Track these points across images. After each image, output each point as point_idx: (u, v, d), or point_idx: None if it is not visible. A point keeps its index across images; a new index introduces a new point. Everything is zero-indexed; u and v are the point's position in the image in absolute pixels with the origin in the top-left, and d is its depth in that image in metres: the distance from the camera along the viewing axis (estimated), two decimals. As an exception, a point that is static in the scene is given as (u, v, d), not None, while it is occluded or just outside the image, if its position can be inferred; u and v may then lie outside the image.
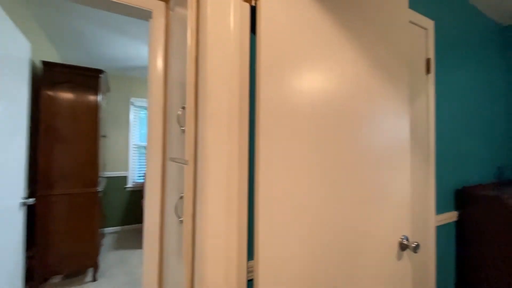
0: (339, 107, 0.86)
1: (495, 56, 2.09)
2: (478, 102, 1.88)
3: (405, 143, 1.09)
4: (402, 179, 1.07)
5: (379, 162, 0.98)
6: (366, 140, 0.93)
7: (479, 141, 1.87)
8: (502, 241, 1.42)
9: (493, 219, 1.47)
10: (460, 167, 1.71)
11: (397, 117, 1.06)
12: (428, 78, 1.49)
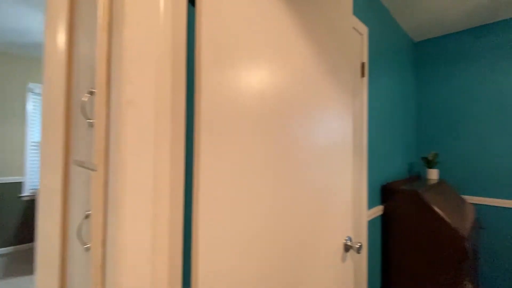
0: (289, 105, 0.77)
1: (408, 68, 2.41)
2: (395, 107, 2.12)
3: (349, 143, 1.09)
4: (346, 179, 1.05)
5: (326, 162, 0.93)
6: (315, 140, 0.87)
7: (397, 141, 2.11)
8: (419, 229, 1.61)
9: (411, 210, 1.65)
10: (384, 165, 1.89)
11: (342, 117, 1.05)
12: (363, 81, 1.58)
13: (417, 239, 1.62)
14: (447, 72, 2.38)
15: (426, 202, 1.60)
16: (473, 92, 2.23)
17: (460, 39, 2.31)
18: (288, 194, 0.75)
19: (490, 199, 2.12)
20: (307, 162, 0.83)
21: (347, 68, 1.08)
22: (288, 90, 0.77)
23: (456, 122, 2.32)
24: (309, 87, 0.85)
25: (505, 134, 2.08)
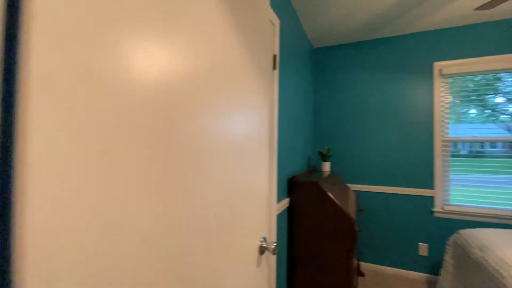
0: (195, 92, 0.58)
1: (308, 70, 2.62)
2: (298, 104, 2.25)
3: (265, 137, 0.99)
4: (262, 175, 0.95)
5: (243, 158, 0.79)
6: (231, 133, 0.71)
7: (299, 136, 2.25)
8: (319, 217, 1.74)
9: (313, 200, 1.76)
10: (291, 158, 1.96)
11: (260, 110, 0.94)
12: (274, 74, 1.55)
13: (318, 226, 1.75)
14: (338, 77, 2.74)
15: (325, 192, 1.74)
16: (357, 97, 2.65)
17: (349, 50, 2.70)
18: (190, 198, 0.56)
19: (366, 186, 2.58)
20: (219, 158, 0.66)
21: (265, 57, 0.99)
22: (198, 76, 0.58)
23: (343, 122, 2.70)
24: (226, 74, 0.69)
25: (378, 134, 2.56)
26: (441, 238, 2.31)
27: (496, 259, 1.44)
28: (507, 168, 2.23)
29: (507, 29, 2.14)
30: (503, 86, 2.24)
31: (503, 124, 2.26)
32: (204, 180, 0.60)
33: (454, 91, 2.34)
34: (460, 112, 2.34)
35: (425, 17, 2.14)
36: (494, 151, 2.29)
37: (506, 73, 2.19)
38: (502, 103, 2.25)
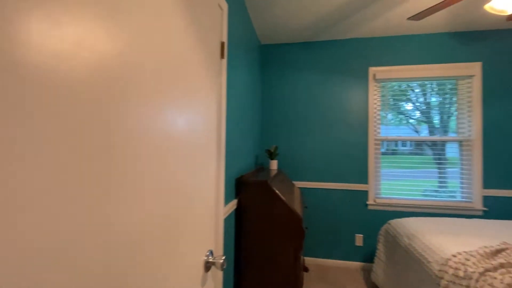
0: (128, 80, 0.41)
1: (256, 66, 2.55)
2: (246, 100, 2.16)
3: (213, 134, 0.85)
4: (209, 178, 0.81)
5: (187, 158, 0.64)
6: (172, 128, 0.55)
7: (247, 133, 2.16)
8: (268, 216, 1.67)
9: (262, 199, 1.68)
10: (239, 157, 1.84)
11: (208, 102, 0.79)
12: (222, 63, 1.40)
13: (267, 227, 1.68)
14: (285, 76, 2.75)
15: (274, 191, 1.68)
16: (302, 97, 2.70)
17: (296, 49, 2.73)
18: (116, 209, 0.39)
19: (310, 183, 2.65)
20: (159, 160, 0.50)
21: (212, 43, 0.85)
22: (134, 59, 0.40)
23: (290, 120, 2.72)
24: (168, 60, 0.53)
25: (321, 132, 2.66)
26: (374, 229, 2.53)
27: (422, 246, 1.60)
28: (419, 164, 2.58)
29: (429, 42, 2.46)
30: (413, 94, 2.60)
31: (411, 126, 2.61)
32: (137, 187, 0.43)
33: (383, 95, 2.59)
34: (383, 115, 2.61)
35: (363, 24, 2.30)
36: (405, 149, 2.63)
37: (426, 81, 2.53)
38: (411, 110, 2.61)
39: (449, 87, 2.51)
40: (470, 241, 1.52)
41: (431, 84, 2.55)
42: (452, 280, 1.23)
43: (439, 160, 2.54)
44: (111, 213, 0.39)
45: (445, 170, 2.53)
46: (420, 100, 2.61)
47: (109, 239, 0.39)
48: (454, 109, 2.52)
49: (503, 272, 1.10)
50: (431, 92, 2.58)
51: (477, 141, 2.37)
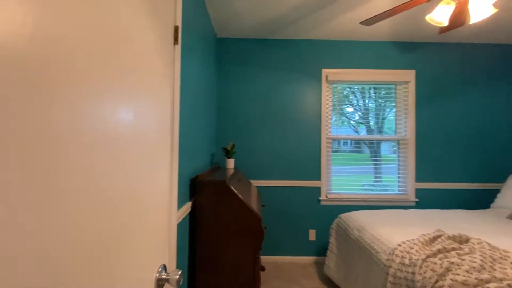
0: (49, 66, 0.28)
1: (211, 60, 2.42)
2: (202, 94, 2.02)
3: (166, 129, 0.73)
4: (162, 179, 0.68)
5: (137, 158, 0.51)
6: (119, 122, 0.42)
7: (203, 130, 2.02)
8: (226, 218, 1.57)
9: (219, 200, 1.57)
10: (193, 155, 1.70)
11: (159, 94, 0.66)
12: (176, 50, 1.25)
13: (224, 228, 1.58)
14: (242, 72, 2.67)
15: (232, 191, 1.59)
16: (259, 94, 2.67)
17: (253, 45, 2.68)
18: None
19: (266, 181, 2.64)
20: (101, 161, 0.37)
21: (166, 26, 0.73)
22: (55, 34, 0.27)
23: (246, 118, 2.66)
24: (112, 38, 0.39)
25: (277, 131, 2.66)
26: (326, 223, 2.65)
27: (371, 237, 1.71)
28: (360, 161, 2.80)
29: (375, 48, 2.67)
30: (354, 98, 2.83)
31: (352, 126, 2.83)
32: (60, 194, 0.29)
33: (334, 96, 2.73)
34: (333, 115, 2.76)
35: (318, 27, 2.37)
36: (346, 148, 2.84)
37: (370, 84, 2.74)
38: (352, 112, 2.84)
39: (383, 93, 2.77)
40: (411, 230, 1.68)
41: (369, 89, 2.78)
42: (399, 268, 1.32)
43: (375, 157, 2.79)
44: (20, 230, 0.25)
45: (380, 166, 2.80)
46: (360, 103, 2.83)
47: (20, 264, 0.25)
48: (387, 112, 2.80)
49: (441, 257, 1.23)
50: (368, 97, 2.83)
51: (411, 140, 2.67)
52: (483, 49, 2.69)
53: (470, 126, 2.68)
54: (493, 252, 1.26)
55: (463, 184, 2.66)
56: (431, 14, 1.40)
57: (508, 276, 1.04)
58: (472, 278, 1.04)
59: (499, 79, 2.69)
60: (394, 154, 2.81)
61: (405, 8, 1.50)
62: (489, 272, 1.08)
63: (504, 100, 2.68)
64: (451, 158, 2.67)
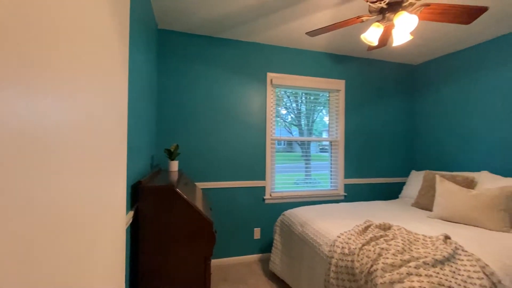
0: None
1: (153, 53, 2.21)
2: (143, 91, 1.84)
3: (123, 127, 0.63)
4: (117, 193, 0.58)
5: (86, 167, 0.42)
6: (64, 120, 0.34)
7: (144, 131, 1.83)
8: (173, 225, 1.46)
9: (166, 208, 1.45)
10: (135, 158, 1.52)
11: (116, 85, 0.57)
12: (123, 35, 1.08)
13: (172, 237, 1.46)
14: (186, 68, 2.52)
15: (181, 196, 1.49)
16: (205, 93, 2.57)
17: (199, 41, 2.56)
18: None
19: (213, 183, 2.57)
20: (40, 172, 0.28)
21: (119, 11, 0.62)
22: None
23: (191, 117, 2.53)
24: None
25: (223, 131, 2.62)
26: (271, 221, 2.76)
27: (313, 231, 1.86)
28: (295, 159, 3.05)
29: (314, 58, 2.90)
30: (288, 101, 3.07)
31: (286, 128, 3.07)
32: None
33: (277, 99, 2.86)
34: (282, 116, 2.91)
35: (266, 31, 2.44)
36: (280, 147, 3.04)
37: (311, 91, 2.98)
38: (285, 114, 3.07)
39: (312, 98, 3.06)
40: (346, 222, 1.90)
41: (301, 94, 3.03)
42: (340, 258, 1.48)
43: (306, 156, 3.06)
44: None
45: (310, 164, 3.09)
46: (293, 106, 3.07)
47: None
48: (316, 116, 3.11)
49: (374, 244, 1.43)
50: (301, 102, 3.08)
51: (341, 141, 3.03)
52: (395, 67, 3.25)
53: (384, 131, 3.21)
54: (409, 236, 1.54)
55: (379, 179, 3.17)
56: (365, 34, 1.61)
57: (422, 255, 1.28)
58: (398, 260, 1.25)
59: (404, 92, 3.30)
60: (321, 152, 3.15)
61: (345, 25, 1.68)
62: (409, 253, 1.31)
63: (408, 109, 3.31)
64: (371, 157, 3.15)
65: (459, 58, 2.80)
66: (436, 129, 3.05)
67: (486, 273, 1.19)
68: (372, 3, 1.47)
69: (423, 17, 1.58)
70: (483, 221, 1.81)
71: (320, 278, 1.64)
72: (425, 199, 2.39)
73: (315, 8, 2.02)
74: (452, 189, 2.07)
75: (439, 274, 1.16)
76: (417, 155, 3.29)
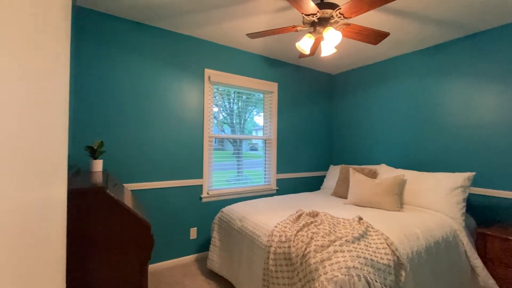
0: None
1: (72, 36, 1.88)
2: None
3: (62, 132, 0.55)
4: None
5: None
6: None
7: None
8: (106, 232, 1.29)
9: (94, 214, 1.28)
10: (52, 158, 1.27)
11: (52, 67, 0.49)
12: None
13: (103, 244, 1.30)
14: (111, 55, 2.24)
15: (113, 199, 1.33)
16: (134, 85, 2.33)
17: (128, 26, 2.30)
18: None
19: (144, 183, 2.37)
20: None
21: None
22: None
23: (117, 111, 2.27)
24: None
25: (156, 128, 2.44)
26: (208, 220, 2.73)
27: (252, 225, 1.95)
28: (228, 157, 3.14)
29: (252, 59, 3.00)
30: (220, 99, 3.15)
31: (219, 126, 3.16)
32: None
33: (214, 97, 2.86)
34: (220, 114, 2.91)
35: (205, 26, 2.39)
36: (213, 145, 3.11)
37: (247, 90, 3.07)
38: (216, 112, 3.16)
39: (244, 97, 3.21)
40: (281, 213, 2.06)
41: (233, 94, 3.14)
42: (278, 246, 1.61)
43: (238, 153, 3.19)
44: None
45: (242, 162, 3.23)
46: (226, 104, 3.14)
47: None
48: (248, 115, 3.27)
49: (306, 230, 1.61)
50: (233, 101, 3.19)
51: (274, 140, 3.25)
52: (318, 75, 3.69)
53: (310, 130, 3.61)
54: (333, 220, 1.79)
55: (305, 173, 3.55)
56: (299, 42, 1.79)
57: (344, 235, 1.53)
58: (326, 241, 1.45)
59: (325, 97, 3.79)
60: (251, 151, 3.33)
61: (282, 31, 1.83)
62: (334, 234, 1.54)
63: (328, 112, 3.82)
64: (299, 154, 3.49)
65: (368, 71, 3.40)
66: (349, 130, 3.62)
67: (388, 243, 1.51)
68: (306, 15, 1.65)
69: (345, 35, 1.86)
70: (383, 204, 2.27)
71: (259, 268, 1.74)
72: (342, 189, 2.82)
73: (255, 11, 2.11)
74: (361, 179, 2.51)
75: (356, 248, 1.41)
76: (335, 152, 3.83)
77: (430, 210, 2.19)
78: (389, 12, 2.06)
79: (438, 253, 1.74)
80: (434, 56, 2.70)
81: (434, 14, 2.09)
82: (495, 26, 2.27)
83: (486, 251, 2.00)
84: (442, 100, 2.64)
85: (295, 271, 1.45)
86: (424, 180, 2.34)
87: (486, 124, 2.33)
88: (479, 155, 2.37)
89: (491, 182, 2.29)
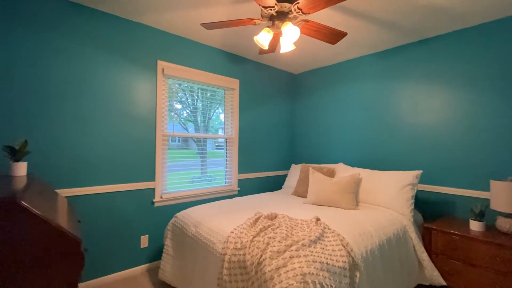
0: None
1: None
2: None
3: None
4: None
5: None
6: None
7: None
8: (24, 250, 1.05)
9: (7, 229, 1.02)
10: None
11: None
12: None
13: (19, 264, 1.05)
14: (46, 39, 1.90)
15: (29, 211, 1.09)
16: (67, 74, 2.02)
17: (61, 7, 1.97)
18: None
19: (84, 188, 2.07)
20: None
21: None
22: None
23: (48, 104, 1.94)
24: None
25: (98, 125, 2.14)
26: (162, 226, 2.51)
27: (207, 230, 1.81)
28: (190, 157, 2.97)
29: (211, 53, 2.83)
30: (183, 95, 2.96)
31: (181, 123, 2.98)
32: None
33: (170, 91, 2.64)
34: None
35: (157, 12, 2.17)
36: (174, 144, 2.91)
37: (203, 85, 2.89)
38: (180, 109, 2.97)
39: (209, 94, 3.06)
40: (239, 216, 1.95)
41: (197, 89, 2.97)
42: (233, 253, 1.49)
43: (202, 153, 3.03)
44: None
45: (206, 161, 3.08)
46: (189, 101, 2.96)
47: None
48: (212, 113, 3.13)
49: (263, 235, 1.52)
50: (197, 98, 3.02)
51: (235, 138, 3.13)
52: (280, 74, 3.66)
53: (272, 129, 3.57)
54: (291, 222, 1.74)
55: (267, 172, 3.49)
56: (257, 36, 1.69)
57: (300, 238, 1.47)
58: (282, 246, 1.38)
59: (287, 96, 3.78)
60: (216, 149, 3.18)
61: (239, 24, 1.71)
62: (291, 238, 1.48)
63: (289, 111, 3.81)
64: (260, 153, 3.43)
65: (327, 72, 3.46)
66: (310, 129, 3.66)
67: (344, 244, 1.49)
68: (264, 8, 1.56)
69: (304, 32, 1.81)
70: (340, 202, 2.30)
71: (213, 277, 1.61)
72: (302, 188, 2.81)
73: (212, 0, 1.96)
74: (320, 178, 2.52)
75: (312, 252, 1.37)
76: (297, 151, 3.85)
77: (383, 207, 2.28)
78: (348, 13, 2.08)
79: (390, 250, 1.79)
80: (388, 59, 2.83)
81: (388, 18, 2.16)
82: (443, 32, 2.44)
83: (431, 244, 2.14)
84: (394, 102, 2.78)
85: (250, 281, 1.36)
86: (377, 179, 2.42)
87: (433, 124, 2.50)
88: (426, 154, 2.54)
89: (436, 179, 2.47)
